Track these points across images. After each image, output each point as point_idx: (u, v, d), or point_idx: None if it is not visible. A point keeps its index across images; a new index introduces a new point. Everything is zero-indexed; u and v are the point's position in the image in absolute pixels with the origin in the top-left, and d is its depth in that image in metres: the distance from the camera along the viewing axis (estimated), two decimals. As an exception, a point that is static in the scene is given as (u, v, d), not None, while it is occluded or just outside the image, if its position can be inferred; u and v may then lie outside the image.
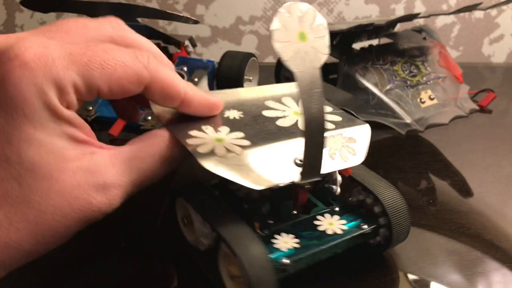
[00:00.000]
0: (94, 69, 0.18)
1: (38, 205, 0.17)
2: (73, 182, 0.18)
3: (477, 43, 0.80)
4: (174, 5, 0.73)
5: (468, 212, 0.31)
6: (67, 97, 0.18)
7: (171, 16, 0.40)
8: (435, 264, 0.25)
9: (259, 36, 0.77)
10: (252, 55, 0.48)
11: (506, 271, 0.25)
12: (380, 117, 0.42)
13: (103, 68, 0.18)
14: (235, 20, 0.75)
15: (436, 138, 0.43)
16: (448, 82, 0.47)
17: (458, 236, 0.28)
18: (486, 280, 0.24)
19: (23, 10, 0.72)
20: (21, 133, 0.17)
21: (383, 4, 0.75)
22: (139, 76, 0.19)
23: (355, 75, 0.44)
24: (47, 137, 0.18)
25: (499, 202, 0.33)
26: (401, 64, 0.46)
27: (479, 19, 0.78)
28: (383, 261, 0.25)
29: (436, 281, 0.24)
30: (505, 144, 0.43)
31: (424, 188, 0.34)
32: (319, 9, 0.75)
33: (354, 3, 0.75)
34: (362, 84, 0.43)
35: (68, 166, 0.18)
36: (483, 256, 0.26)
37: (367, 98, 0.43)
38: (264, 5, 0.74)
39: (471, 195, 0.34)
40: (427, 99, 0.44)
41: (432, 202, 0.32)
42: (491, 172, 0.37)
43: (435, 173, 0.37)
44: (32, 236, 0.17)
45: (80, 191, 0.18)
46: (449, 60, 0.49)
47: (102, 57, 0.19)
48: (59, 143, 0.18)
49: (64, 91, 0.18)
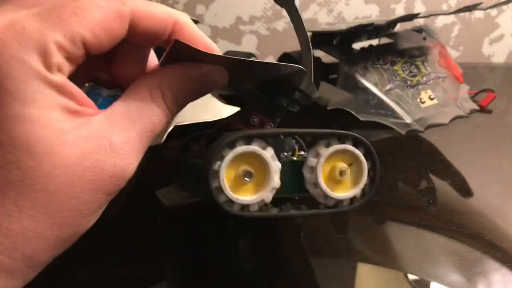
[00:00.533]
0: (68, 18, 0.17)
1: (45, 186, 0.16)
2: (77, 153, 0.16)
3: (477, 43, 0.80)
4: (174, 5, 0.73)
5: (468, 212, 0.31)
6: (52, 59, 0.16)
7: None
8: (435, 264, 0.25)
9: (259, 36, 0.77)
10: (252, 55, 0.48)
11: (506, 271, 0.25)
12: (380, 117, 0.42)
13: (77, 14, 0.17)
14: (235, 20, 0.75)
15: (436, 138, 0.43)
16: (448, 82, 0.47)
17: (458, 236, 0.28)
18: (486, 280, 0.24)
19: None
20: (7, 112, 0.16)
21: (383, 4, 0.75)
22: (119, 11, 0.18)
23: (355, 75, 0.44)
24: (38, 111, 0.16)
25: (499, 202, 0.33)
26: (401, 64, 0.46)
27: (479, 19, 0.78)
28: (384, 261, 0.25)
29: (436, 281, 0.24)
30: (505, 144, 0.43)
31: (424, 188, 0.34)
32: (319, 9, 0.75)
33: (354, 3, 0.75)
34: (362, 84, 0.43)
35: (67, 138, 0.17)
36: (483, 256, 0.26)
37: (367, 98, 0.43)
38: (264, 5, 0.74)
39: (471, 195, 0.34)
40: (427, 99, 0.44)
41: (432, 202, 0.32)
42: (491, 172, 0.37)
43: (435, 173, 0.37)
44: (51, 221, 0.16)
45: (87, 160, 0.17)
46: (449, 60, 0.49)
47: (71, 4, 0.17)
48: (53, 116, 0.16)
49: (46, 53, 0.16)
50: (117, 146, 0.17)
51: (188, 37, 0.20)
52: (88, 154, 0.17)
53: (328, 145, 0.21)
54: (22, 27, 0.16)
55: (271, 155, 0.20)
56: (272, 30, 0.76)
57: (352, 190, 0.21)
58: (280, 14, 0.75)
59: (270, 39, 0.77)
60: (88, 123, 0.17)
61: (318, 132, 0.21)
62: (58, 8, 0.17)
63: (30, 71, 0.16)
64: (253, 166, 0.20)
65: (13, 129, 0.16)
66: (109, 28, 0.18)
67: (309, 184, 0.21)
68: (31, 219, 0.16)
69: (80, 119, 0.17)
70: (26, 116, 0.16)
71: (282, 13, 0.75)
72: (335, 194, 0.21)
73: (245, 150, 0.19)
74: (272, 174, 0.20)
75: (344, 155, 0.21)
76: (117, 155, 0.17)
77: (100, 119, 0.18)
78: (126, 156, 0.18)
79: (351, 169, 0.21)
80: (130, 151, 0.18)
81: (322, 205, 0.21)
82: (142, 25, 0.19)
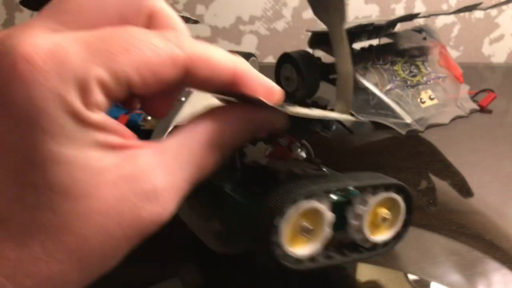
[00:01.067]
0: (118, 54, 0.15)
1: (79, 230, 0.15)
2: (116, 196, 0.15)
3: (477, 43, 0.80)
4: (174, 5, 0.73)
5: (468, 212, 0.31)
6: (92, 97, 0.15)
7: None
8: (435, 264, 0.25)
9: (259, 36, 0.77)
10: (252, 55, 0.48)
11: (506, 271, 0.25)
12: (380, 117, 0.42)
13: (129, 52, 0.15)
14: (235, 20, 0.75)
15: (436, 138, 0.43)
16: (448, 82, 0.47)
17: (458, 236, 0.28)
18: (486, 280, 0.24)
19: (23, 10, 0.72)
20: (43, 152, 0.14)
21: (383, 4, 0.75)
22: (173, 56, 0.16)
23: (355, 75, 0.44)
24: (76, 151, 0.15)
25: (499, 202, 0.33)
26: (401, 64, 0.46)
27: (479, 19, 0.78)
28: (384, 261, 0.25)
29: (436, 281, 0.24)
30: (505, 144, 0.43)
31: (424, 188, 0.34)
32: (319, 9, 0.75)
33: (354, 3, 0.75)
34: (362, 84, 0.43)
35: (107, 178, 0.15)
36: (483, 256, 0.26)
37: (367, 98, 0.43)
38: (264, 5, 0.74)
39: (471, 195, 0.34)
40: (427, 99, 0.44)
41: (432, 202, 0.32)
42: (491, 172, 0.37)
43: (435, 173, 0.37)
44: (78, 265, 0.15)
45: (126, 204, 0.15)
46: (449, 60, 0.49)
47: (125, 39, 0.15)
48: (91, 155, 0.15)
49: (87, 90, 0.15)
50: (160, 192, 0.16)
51: (249, 86, 0.18)
52: (128, 197, 0.15)
53: (374, 193, 0.21)
54: (65, 55, 0.14)
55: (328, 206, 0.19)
56: (272, 30, 0.76)
57: (388, 233, 0.22)
58: (280, 14, 0.75)
59: (270, 39, 0.77)
60: (133, 158, 0.16)
61: (379, 184, 0.21)
62: (108, 40, 0.15)
63: (67, 108, 0.14)
64: (309, 217, 0.19)
65: (49, 171, 0.14)
66: (159, 72, 0.16)
67: (352, 228, 0.21)
68: (59, 263, 0.15)
69: (124, 153, 0.16)
70: (62, 157, 0.14)
71: (282, 13, 0.75)
72: (374, 238, 0.21)
73: (308, 207, 0.19)
74: (327, 225, 0.19)
75: (386, 200, 0.21)
76: (158, 202, 0.16)
77: (148, 157, 0.16)
78: (167, 204, 0.16)
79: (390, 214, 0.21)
80: (172, 198, 0.16)
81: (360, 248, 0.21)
82: (198, 73, 0.17)
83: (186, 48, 0.16)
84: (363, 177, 0.21)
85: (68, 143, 0.14)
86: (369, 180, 0.21)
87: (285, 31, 0.76)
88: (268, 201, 0.18)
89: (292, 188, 0.18)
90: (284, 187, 0.19)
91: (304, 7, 0.75)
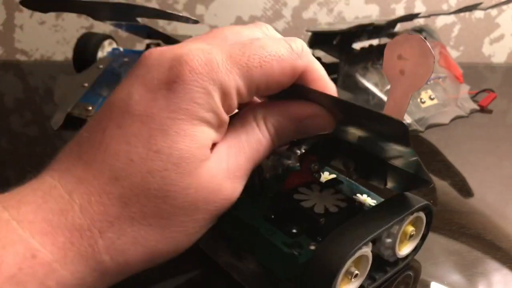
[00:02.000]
0: (253, 68, 0.18)
1: (174, 201, 0.17)
2: (208, 175, 0.18)
3: (478, 43, 0.80)
4: (174, 5, 0.73)
5: (469, 212, 0.31)
6: (230, 101, 0.18)
7: (171, 16, 0.40)
8: (435, 264, 0.25)
9: (259, 36, 0.77)
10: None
11: (506, 271, 0.25)
12: (380, 117, 0.42)
13: (262, 66, 0.18)
14: (235, 20, 0.75)
15: (436, 138, 0.43)
16: (448, 82, 0.47)
17: (459, 236, 0.28)
18: (486, 280, 0.24)
19: (23, 10, 0.72)
20: (180, 127, 0.17)
21: (383, 4, 0.75)
22: (294, 68, 0.19)
23: (355, 75, 0.44)
24: (202, 134, 0.18)
25: (499, 202, 0.33)
26: (401, 64, 0.46)
27: (480, 19, 0.78)
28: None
29: (436, 281, 0.24)
30: (505, 144, 0.43)
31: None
32: (319, 9, 0.75)
33: (354, 3, 0.75)
34: (362, 84, 0.43)
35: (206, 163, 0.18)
36: (483, 256, 0.26)
37: (367, 98, 0.43)
38: (264, 5, 0.74)
39: (471, 195, 0.34)
40: (427, 99, 0.44)
41: (433, 202, 0.32)
42: (491, 172, 0.37)
43: (435, 173, 0.37)
44: (161, 233, 0.17)
45: (213, 183, 0.18)
46: (450, 60, 0.49)
47: (260, 54, 0.18)
48: (206, 142, 0.18)
49: (228, 95, 0.18)
50: (232, 171, 0.19)
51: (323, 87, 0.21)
52: (215, 177, 0.18)
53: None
54: (217, 65, 0.18)
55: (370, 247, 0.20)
56: (272, 30, 0.76)
57: (409, 246, 0.23)
58: (280, 14, 0.75)
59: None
60: (215, 148, 0.19)
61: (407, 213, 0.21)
62: (248, 54, 0.18)
63: (211, 105, 0.18)
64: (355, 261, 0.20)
65: (176, 140, 0.17)
66: (281, 81, 0.19)
67: (383, 245, 0.22)
68: (148, 227, 0.17)
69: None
70: (190, 134, 0.17)
71: (282, 13, 0.75)
72: (400, 253, 0.22)
73: (359, 254, 0.19)
74: (367, 267, 0.20)
75: (414, 219, 0.23)
76: (231, 179, 0.19)
77: (222, 145, 0.19)
78: (237, 181, 0.19)
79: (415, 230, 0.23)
80: (241, 176, 0.19)
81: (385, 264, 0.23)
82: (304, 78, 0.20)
83: (304, 57, 0.20)
84: (399, 205, 0.22)
85: (199, 128, 0.18)
86: (406, 210, 0.21)
87: (285, 31, 0.76)
88: (328, 254, 0.19)
89: (347, 240, 0.19)
90: (338, 238, 0.19)
91: (304, 7, 0.75)
